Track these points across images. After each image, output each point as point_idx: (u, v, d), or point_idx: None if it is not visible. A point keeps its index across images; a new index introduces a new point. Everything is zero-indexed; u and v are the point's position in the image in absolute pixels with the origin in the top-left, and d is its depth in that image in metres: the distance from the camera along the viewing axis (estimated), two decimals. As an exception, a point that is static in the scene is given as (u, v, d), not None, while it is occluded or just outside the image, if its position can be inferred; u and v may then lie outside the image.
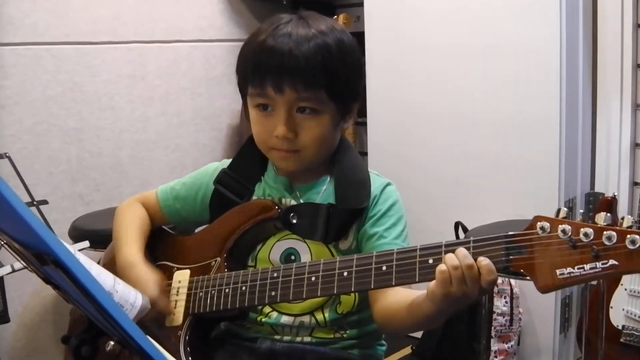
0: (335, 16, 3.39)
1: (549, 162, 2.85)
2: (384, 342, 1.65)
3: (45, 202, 2.53)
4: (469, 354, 2.86)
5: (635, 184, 2.92)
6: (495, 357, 2.87)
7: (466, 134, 3.08)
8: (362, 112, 3.32)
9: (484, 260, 1.17)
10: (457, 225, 2.95)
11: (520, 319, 2.92)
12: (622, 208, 2.88)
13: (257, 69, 1.45)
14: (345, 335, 1.55)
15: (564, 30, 2.77)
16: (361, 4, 3.38)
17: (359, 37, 3.38)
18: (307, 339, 1.53)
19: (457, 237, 2.94)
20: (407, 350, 3.10)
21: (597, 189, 3.01)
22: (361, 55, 1.57)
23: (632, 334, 2.57)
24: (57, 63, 3.06)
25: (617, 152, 2.94)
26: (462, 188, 3.13)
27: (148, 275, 1.52)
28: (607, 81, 2.94)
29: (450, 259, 1.19)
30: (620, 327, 2.60)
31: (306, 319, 1.52)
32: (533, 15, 2.82)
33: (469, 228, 2.74)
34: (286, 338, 1.53)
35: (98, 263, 1.70)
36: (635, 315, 2.56)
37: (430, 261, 1.23)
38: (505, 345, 2.87)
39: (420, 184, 3.15)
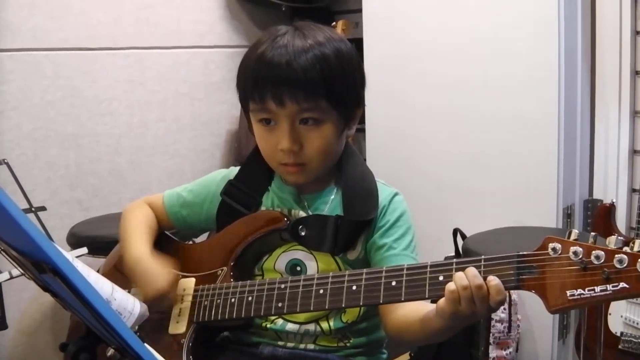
0: (334, 23, 3.39)
1: (548, 168, 2.85)
2: (384, 350, 1.65)
3: (43, 208, 2.54)
4: (468, 361, 2.86)
5: (634, 190, 2.92)
6: (494, 363, 2.87)
7: (465, 141, 3.08)
8: (361, 119, 3.31)
9: (493, 280, 1.18)
10: (456, 232, 2.95)
11: (518, 326, 2.92)
12: (621, 215, 2.88)
13: (256, 83, 1.44)
14: (348, 345, 1.55)
15: (562, 36, 2.77)
16: (360, 11, 3.38)
17: (358, 43, 3.39)
18: (311, 346, 1.53)
19: (456, 243, 2.93)
20: (405, 357, 3.09)
21: (596, 195, 3.01)
22: (361, 61, 1.56)
23: (631, 341, 2.56)
24: (56, 69, 3.07)
25: (616, 158, 2.94)
26: (460, 195, 3.13)
27: (155, 268, 1.51)
28: (606, 88, 2.94)
29: (460, 278, 1.19)
30: (618, 334, 2.59)
31: (311, 327, 1.53)
32: (531, 23, 2.83)
33: (468, 235, 2.74)
34: (289, 345, 1.53)
35: (98, 271, 1.70)
36: (633, 322, 2.55)
37: (441, 278, 1.23)
38: (504, 352, 2.87)
39: (419, 191, 3.15)
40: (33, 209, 2.48)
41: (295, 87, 1.40)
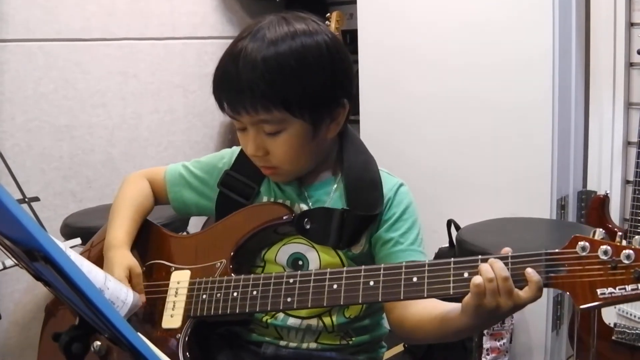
0: (329, 14, 3.38)
1: (542, 160, 2.86)
2: (384, 343, 1.64)
3: (37, 199, 2.53)
4: (461, 352, 2.86)
5: (627, 182, 2.92)
6: (487, 354, 2.87)
7: (459, 132, 3.09)
8: (355, 110, 3.32)
9: (535, 276, 1.17)
10: (450, 223, 2.95)
11: (512, 317, 2.93)
12: (614, 206, 2.89)
13: (215, 93, 1.44)
14: (350, 343, 1.53)
15: (557, 28, 2.78)
16: (354, 2, 3.37)
17: (352, 34, 3.38)
18: (313, 345, 1.51)
19: (450, 235, 2.94)
20: (399, 348, 3.10)
21: (590, 187, 3.02)
22: (340, 54, 1.44)
23: (624, 332, 2.57)
24: (49, 60, 3.06)
25: (610, 150, 2.95)
26: (454, 186, 3.13)
27: (120, 258, 1.49)
28: (600, 79, 2.94)
29: (486, 271, 1.18)
30: (612, 325, 2.60)
31: (313, 322, 1.49)
32: (526, 14, 2.83)
33: (462, 226, 2.74)
34: (292, 345, 1.50)
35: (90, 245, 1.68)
36: (627, 313, 2.56)
37: (466, 274, 1.22)
38: (498, 343, 2.87)
39: (413, 182, 3.10)
40: (27, 200, 2.47)
41: (243, 99, 1.37)
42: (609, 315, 2.61)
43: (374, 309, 1.54)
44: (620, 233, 1.14)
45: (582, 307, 1.14)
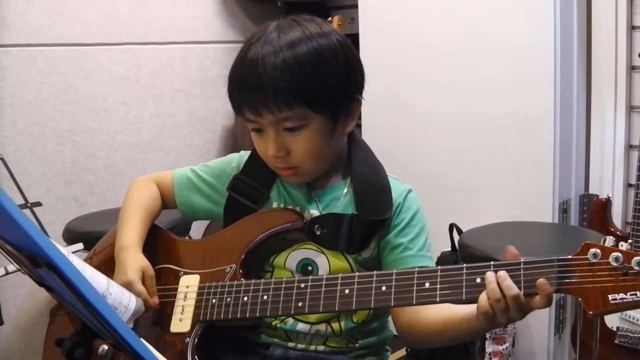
0: (330, 18, 3.39)
1: (544, 163, 2.85)
2: (388, 347, 1.65)
3: (39, 204, 2.52)
4: (464, 356, 2.86)
5: (629, 185, 2.92)
6: (490, 358, 2.86)
7: (461, 135, 3.08)
8: (357, 114, 3.31)
9: (548, 289, 1.19)
10: (452, 227, 2.95)
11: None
12: (616, 210, 2.89)
13: (232, 96, 1.45)
14: (357, 345, 1.54)
15: (558, 31, 2.77)
16: (355, 6, 3.38)
17: (354, 38, 3.38)
18: (321, 347, 1.51)
19: (452, 239, 2.93)
20: (402, 352, 3.09)
21: (592, 190, 3.01)
22: (351, 52, 1.49)
23: (627, 336, 2.57)
24: (51, 64, 3.06)
25: (612, 154, 2.95)
26: (456, 190, 3.13)
27: (133, 260, 1.48)
28: (602, 83, 2.94)
29: (493, 291, 1.20)
30: (614, 329, 2.60)
31: (322, 327, 1.50)
32: (527, 17, 2.83)
33: (464, 230, 2.74)
34: (300, 346, 1.51)
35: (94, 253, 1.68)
36: (629, 317, 2.56)
37: (478, 280, 1.23)
38: (500, 347, 2.87)
39: (415, 185, 3.11)
40: (29, 205, 2.46)
41: (266, 99, 1.38)
42: (612, 319, 2.60)
43: (381, 312, 1.55)
44: (622, 243, 1.15)
45: (594, 313, 1.16)
